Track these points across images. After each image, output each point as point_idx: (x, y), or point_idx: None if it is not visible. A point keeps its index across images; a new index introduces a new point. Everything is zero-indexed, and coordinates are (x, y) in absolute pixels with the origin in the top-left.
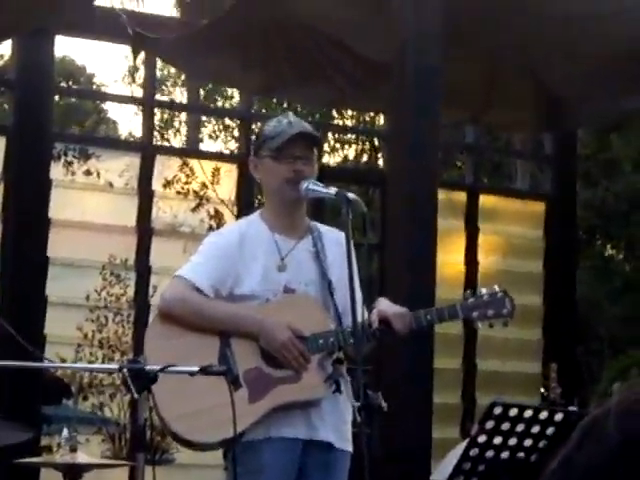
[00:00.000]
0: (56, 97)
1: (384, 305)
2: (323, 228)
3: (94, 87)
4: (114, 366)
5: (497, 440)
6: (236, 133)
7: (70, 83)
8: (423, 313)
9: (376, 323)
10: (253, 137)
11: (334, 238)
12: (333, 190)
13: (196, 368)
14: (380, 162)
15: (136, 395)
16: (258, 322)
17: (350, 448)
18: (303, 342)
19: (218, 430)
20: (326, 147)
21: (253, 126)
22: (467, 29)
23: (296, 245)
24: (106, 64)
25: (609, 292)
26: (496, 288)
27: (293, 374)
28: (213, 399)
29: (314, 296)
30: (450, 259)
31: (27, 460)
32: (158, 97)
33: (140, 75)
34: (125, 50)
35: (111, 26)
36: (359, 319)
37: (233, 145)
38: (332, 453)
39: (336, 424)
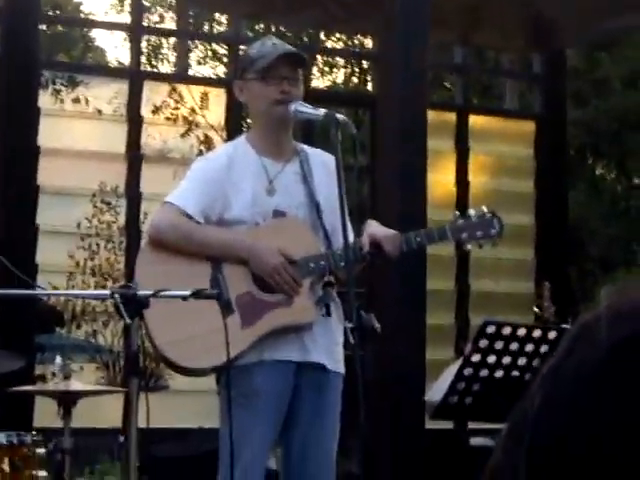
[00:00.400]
0: (43, 26)
1: (374, 228)
2: (309, 150)
3: (82, 16)
4: (106, 292)
5: (491, 359)
6: (225, 59)
7: (57, 12)
8: (413, 235)
9: (367, 246)
10: (237, 61)
11: (320, 160)
12: (322, 111)
13: (188, 292)
14: (369, 86)
15: (128, 320)
16: (248, 247)
17: (342, 370)
18: (294, 266)
19: (211, 356)
20: (315, 71)
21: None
22: None
23: (284, 168)
24: None
25: (600, 212)
26: (484, 209)
27: (285, 298)
28: (206, 324)
29: (303, 219)
30: (441, 180)
31: (21, 388)
32: (146, 24)
33: (128, 3)
34: None
35: None
36: (350, 241)
37: (222, 70)
38: (325, 375)
39: (328, 346)
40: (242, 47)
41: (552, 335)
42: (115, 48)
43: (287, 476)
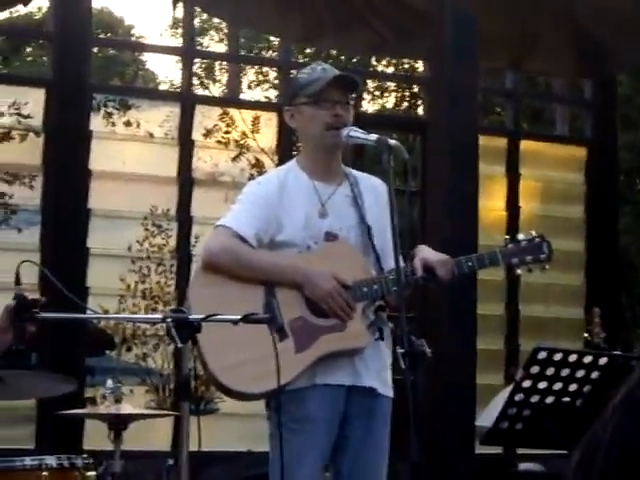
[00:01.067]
0: (95, 49)
1: (427, 252)
2: (358, 174)
3: (133, 39)
4: (158, 316)
5: (542, 385)
6: (276, 82)
7: (109, 35)
8: (464, 260)
9: (420, 270)
10: (287, 87)
11: (370, 184)
12: (374, 136)
13: (239, 316)
14: (419, 110)
15: (180, 345)
16: (303, 271)
17: (391, 394)
18: (347, 290)
19: (265, 381)
20: (365, 95)
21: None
22: None
23: (335, 191)
24: (146, 16)
25: None
26: (533, 233)
27: (338, 323)
28: (259, 349)
29: (354, 242)
30: (491, 205)
31: (71, 412)
32: (198, 47)
33: (180, 26)
34: (165, 0)
35: None
36: (401, 265)
37: (272, 94)
38: (375, 399)
39: (378, 370)
40: (292, 71)
41: (603, 361)
42: (166, 71)
43: None
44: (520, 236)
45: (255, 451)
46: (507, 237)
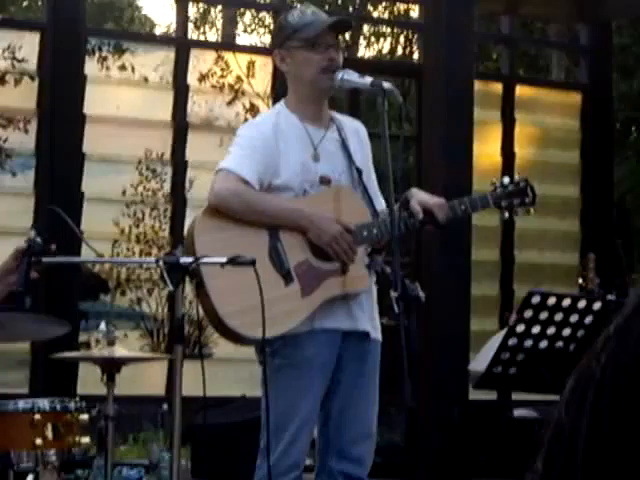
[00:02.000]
0: None
1: (422, 195)
2: (341, 117)
3: None
4: (151, 259)
5: (535, 329)
6: (271, 27)
7: None
8: (458, 202)
9: (420, 214)
10: (277, 29)
11: (353, 127)
12: (369, 79)
13: (224, 259)
14: (415, 56)
15: (172, 287)
16: (308, 215)
17: (381, 338)
18: (349, 234)
19: (273, 326)
20: (361, 40)
21: None
22: None
23: (325, 134)
24: None
25: None
26: (517, 177)
27: (340, 267)
28: (267, 294)
29: (351, 187)
30: (486, 150)
31: (65, 355)
32: None
33: None
34: None
35: None
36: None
37: (268, 39)
38: (367, 343)
39: (371, 314)
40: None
41: (597, 306)
42: (162, 15)
43: (325, 444)
44: (506, 180)
45: (249, 396)
46: (494, 181)
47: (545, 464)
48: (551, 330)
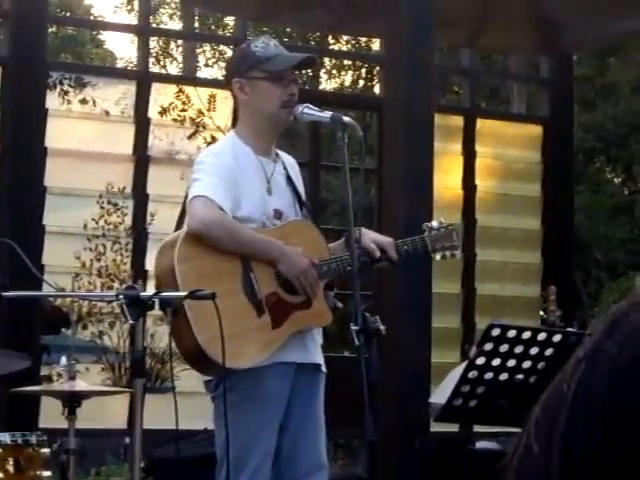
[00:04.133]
0: (53, 28)
1: (374, 234)
2: (278, 151)
3: (90, 17)
4: (111, 293)
5: (495, 362)
6: None
7: (66, 13)
8: (401, 243)
9: (377, 252)
10: (238, 57)
11: (290, 161)
12: (328, 114)
13: (184, 293)
14: (376, 89)
15: (132, 321)
16: (279, 247)
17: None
18: (314, 269)
19: (248, 356)
20: (322, 73)
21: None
22: None
23: (275, 168)
24: None
25: (606, 216)
26: (442, 221)
27: (305, 300)
28: (242, 324)
29: (310, 222)
30: (447, 183)
31: (26, 389)
32: (154, 25)
33: (134, 3)
34: None
35: None
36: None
37: None
38: (317, 375)
39: (319, 347)
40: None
41: (557, 338)
42: (123, 49)
43: (277, 477)
44: (434, 224)
45: (211, 429)
46: (427, 224)
47: None
48: (511, 362)
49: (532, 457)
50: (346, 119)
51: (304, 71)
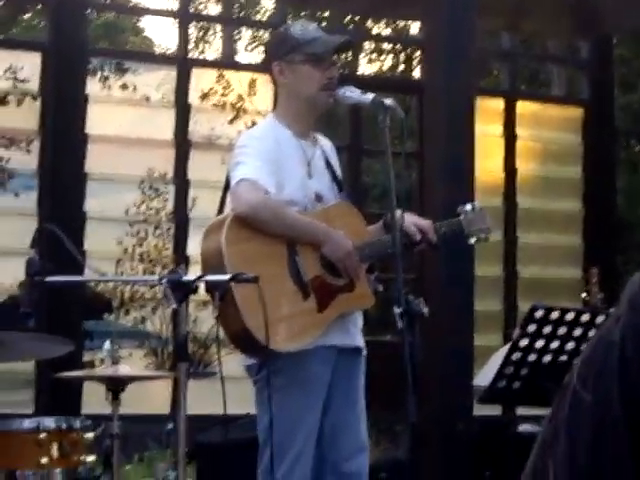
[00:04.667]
0: (94, 14)
1: (413, 217)
2: (317, 134)
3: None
4: (154, 277)
5: (539, 344)
6: None
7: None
8: (438, 225)
9: (417, 235)
10: (278, 41)
11: (328, 144)
12: (370, 96)
13: (228, 276)
14: (416, 72)
15: (175, 305)
16: (324, 231)
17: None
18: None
19: (294, 340)
20: (361, 57)
21: None
22: None
23: (315, 151)
24: None
25: None
26: (476, 205)
27: (348, 283)
28: (289, 308)
29: (351, 205)
30: (488, 166)
31: (69, 374)
32: (193, 10)
33: None
34: None
35: None
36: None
37: None
38: (358, 358)
39: (360, 330)
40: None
41: (600, 319)
42: (163, 35)
43: (320, 460)
44: (468, 207)
45: (254, 414)
46: (461, 207)
47: (570, 438)
48: (555, 344)
49: (584, 408)
50: (388, 101)
51: (343, 55)
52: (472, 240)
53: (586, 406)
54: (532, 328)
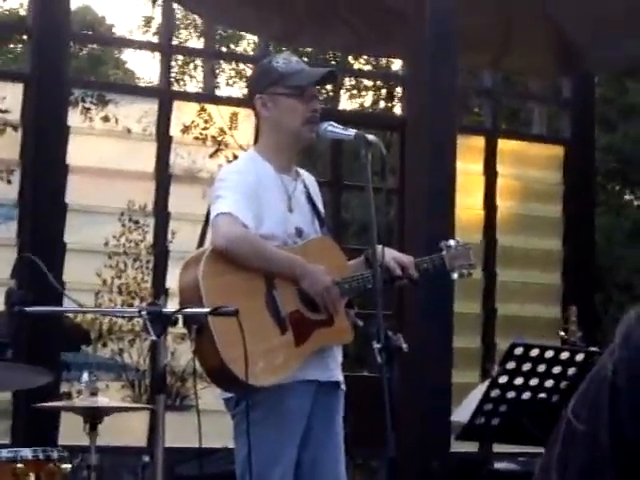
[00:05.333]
0: (76, 46)
1: (394, 252)
2: (298, 169)
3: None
4: (134, 309)
5: (518, 381)
6: None
7: (89, 32)
8: (420, 261)
9: (397, 269)
10: (260, 73)
11: (310, 178)
12: (352, 132)
13: (208, 309)
14: (397, 108)
15: (155, 337)
16: (303, 265)
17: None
18: (336, 287)
19: (271, 374)
20: (342, 93)
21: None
22: None
23: (296, 185)
24: (123, 13)
25: (626, 238)
26: (460, 240)
27: (327, 318)
28: (266, 342)
29: (331, 239)
30: (469, 203)
31: (49, 404)
32: (175, 43)
33: (156, 23)
34: None
35: None
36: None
37: None
38: (337, 392)
39: (339, 364)
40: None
41: (580, 357)
42: (144, 67)
43: None
44: (452, 242)
45: (231, 447)
46: (444, 242)
47: (562, 463)
48: (534, 381)
49: (577, 439)
50: (370, 137)
51: (324, 90)
52: (454, 275)
53: (579, 437)
54: (511, 365)
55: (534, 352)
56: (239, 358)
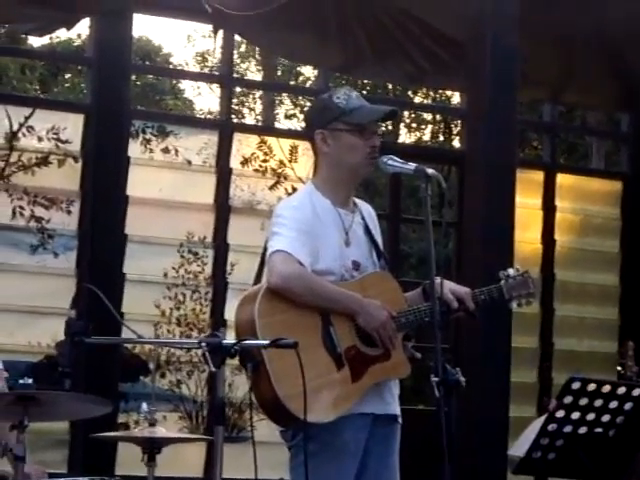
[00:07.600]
0: (133, 77)
1: (452, 285)
2: (356, 200)
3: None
4: (194, 340)
5: (575, 415)
6: None
7: (147, 62)
8: (478, 292)
9: (455, 302)
10: (320, 109)
11: (368, 210)
12: (412, 165)
13: (267, 341)
14: (455, 142)
15: (214, 369)
16: (358, 300)
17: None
18: (392, 321)
19: (328, 410)
20: (402, 126)
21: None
22: (545, 11)
23: (354, 219)
24: (180, 42)
25: None
26: (520, 269)
27: (384, 352)
28: (322, 377)
29: (389, 274)
30: (527, 237)
31: (105, 434)
32: (236, 76)
33: (212, 54)
34: (202, 28)
35: (188, 3)
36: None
37: None
38: (393, 425)
39: (396, 398)
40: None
41: (637, 392)
42: (203, 99)
43: None
44: (511, 271)
45: (287, 479)
46: (502, 272)
47: None
48: (590, 416)
49: None
50: (430, 171)
51: (383, 124)
52: (513, 305)
53: None
54: (569, 399)
55: (591, 387)
56: (295, 395)
